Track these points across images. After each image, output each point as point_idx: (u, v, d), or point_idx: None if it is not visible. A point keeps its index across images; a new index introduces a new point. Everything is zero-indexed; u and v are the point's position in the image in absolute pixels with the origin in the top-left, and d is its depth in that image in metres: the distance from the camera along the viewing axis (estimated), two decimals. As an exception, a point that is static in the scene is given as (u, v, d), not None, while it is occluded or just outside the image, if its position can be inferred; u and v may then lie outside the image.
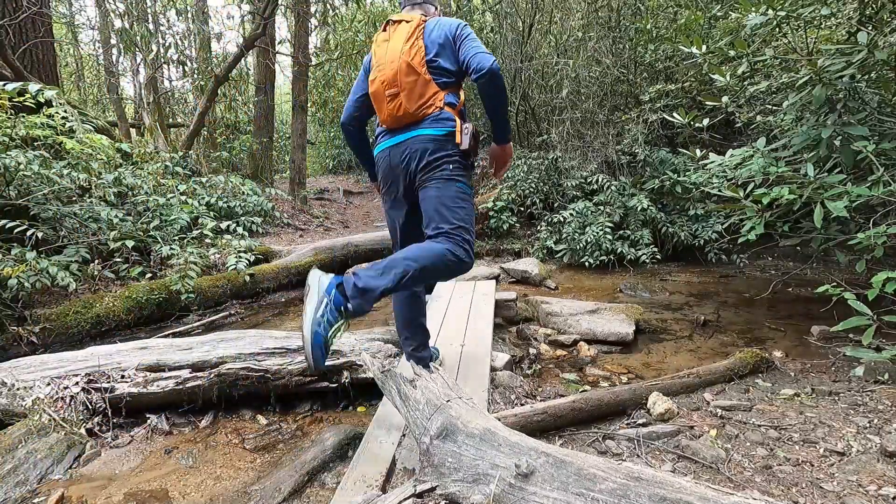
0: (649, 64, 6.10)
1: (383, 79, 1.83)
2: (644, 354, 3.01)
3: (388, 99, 1.83)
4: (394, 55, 1.81)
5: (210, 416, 2.24)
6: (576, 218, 5.44)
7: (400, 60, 1.79)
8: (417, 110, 1.81)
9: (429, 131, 1.83)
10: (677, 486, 1.11)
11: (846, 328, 2.13)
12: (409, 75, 1.79)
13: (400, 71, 1.79)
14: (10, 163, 3.11)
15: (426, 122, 1.83)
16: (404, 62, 1.79)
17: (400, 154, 1.86)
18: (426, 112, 1.82)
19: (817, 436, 1.90)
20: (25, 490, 1.73)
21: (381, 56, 1.86)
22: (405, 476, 1.61)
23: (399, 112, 1.82)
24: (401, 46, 1.81)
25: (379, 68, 1.85)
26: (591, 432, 2.00)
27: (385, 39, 1.89)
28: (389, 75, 1.81)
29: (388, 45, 1.86)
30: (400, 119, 1.84)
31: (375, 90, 1.87)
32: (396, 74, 1.80)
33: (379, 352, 2.58)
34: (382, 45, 1.88)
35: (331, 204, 8.93)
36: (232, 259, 4.10)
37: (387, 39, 1.88)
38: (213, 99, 7.22)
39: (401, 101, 1.81)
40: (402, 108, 1.81)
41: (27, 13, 4.70)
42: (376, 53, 1.89)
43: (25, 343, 2.92)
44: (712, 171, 3.20)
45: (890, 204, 2.52)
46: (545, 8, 6.97)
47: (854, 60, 2.47)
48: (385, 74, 1.83)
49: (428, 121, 1.83)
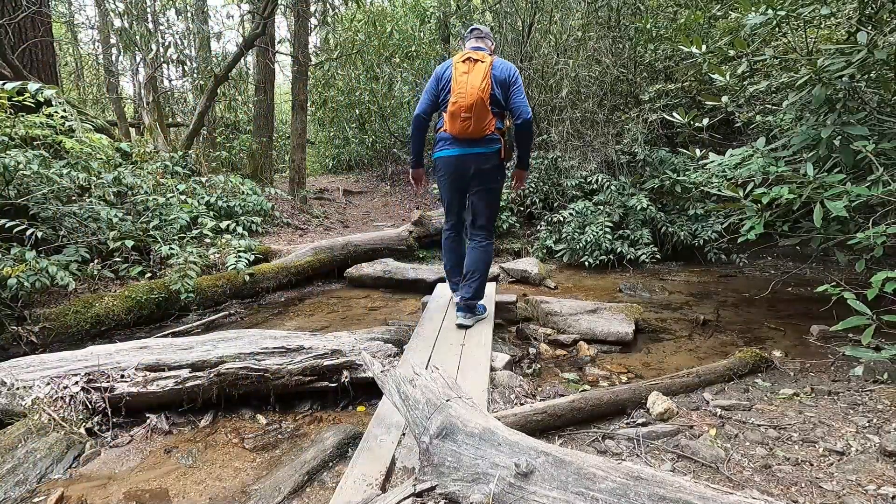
0: (649, 63, 6.10)
1: (462, 104, 2.50)
2: (644, 354, 3.02)
3: (461, 119, 2.54)
4: (473, 90, 2.48)
5: (210, 416, 2.24)
6: (575, 217, 5.44)
7: (476, 95, 2.48)
8: (479, 131, 2.56)
9: (483, 149, 2.62)
10: (677, 486, 1.11)
11: (846, 328, 2.14)
12: (480, 107, 2.50)
13: (476, 104, 2.49)
14: (9, 162, 3.11)
15: (482, 141, 2.61)
16: (479, 97, 2.48)
17: (462, 163, 2.68)
18: (484, 133, 2.58)
19: (817, 435, 1.90)
20: (25, 489, 1.73)
21: (462, 85, 2.51)
22: (405, 475, 1.61)
23: (468, 131, 2.56)
24: (479, 84, 2.48)
25: (459, 94, 2.51)
26: (591, 432, 2.00)
27: (465, 72, 2.53)
28: (467, 104, 2.49)
29: (468, 77, 2.51)
30: (467, 135, 2.58)
31: (454, 110, 2.53)
32: (472, 105, 2.49)
33: (379, 351, 2.58)
34: (463, 76, 2.53)
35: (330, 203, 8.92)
36: (231, 258, 4.10)
37: (467, 72, 2.53)
38: (212, 98, 7.21)
39: (471, 123, 2.54)
40: (471, 128, 2.55)
41: (27, 12, 4.70)
42: (458, 80, 2.53)
43: (25, 343, 2.92)
44: (712, 170, 3.20)
45: (889, 203, 2.52)
46: (545, 7, 6.96)
47: (854, 60, 2.47)
48: (464, 102, 2.50)
49: (484, 140, 2.61)
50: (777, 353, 2.83)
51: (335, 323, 3.71)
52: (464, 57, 2.59)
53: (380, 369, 1.85)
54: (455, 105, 2.51)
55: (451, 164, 2.70)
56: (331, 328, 3.48)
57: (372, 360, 1.94)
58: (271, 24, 7.80)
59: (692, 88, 5.22)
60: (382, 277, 4.76)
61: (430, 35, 9.74)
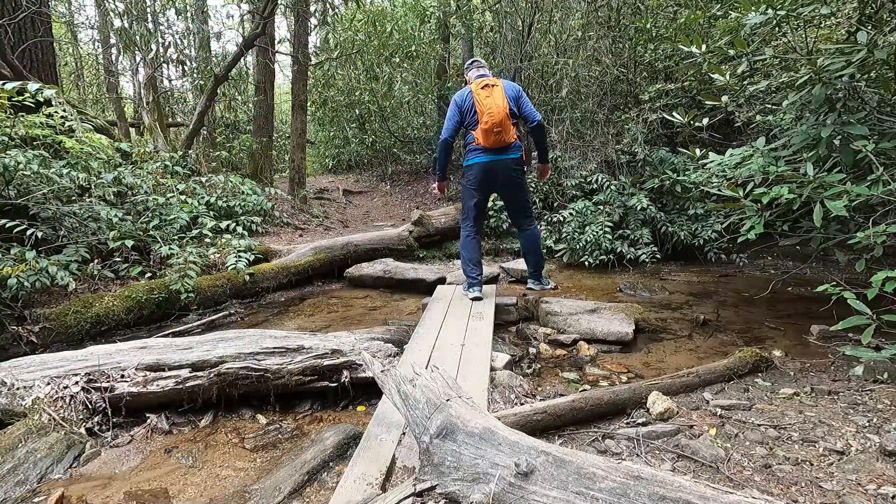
0: (649, 63, 6.09)
1: (494, 121, 3.10)
2: (644, 354, 3.02)
3: (494, 133, 3.14)
4: (498, 108, 3.10)
5: (210, 416, 2.24)
6: (575, 217, 5.44)
7: (503, 112, 3.11)
8: (508, 140, 3.19)
9: (512, 155, 3.27)
10: (677, 485, 1.11)
11: (846, 327, 2.14)
12: (506, 121, 3.13)
13: (504, 118, 3.12)
14: (9, 162, 3.11)
15: (511, 149, 3.24)
16: (505, 113, 3.11)
17: (495, 168, 3.28)
18: (510, 141, 3.22)
19: (817, 435, 1.90)
20: (25, 489, 1.73)
21: (489, 106, 3.10)
22: (405, 475, 1.61)
23: (501, 141, 3.18)
24: (501, 103, 3.11)
25: (490, 114, 3.10)
26: (591, 431, 2.00)
27: (487, 96, 3.13)
28: (497, 120, 3.11)
29: (491, 99, 3.11)
30: (500, 145, 3.19)
31: (488, 127, 3.12)
32: (502, 120, 3.12)
33: (379, 351, 2.58)
34: (487, 99, 3.11)
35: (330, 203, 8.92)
36: (231, 258, 4.10)
37: (489, 96, 3.12)
38: (212, 98, 7.21)
39: (502, 135, 3.16)
40: (503, 139, 3.18)
41: (26, 12, 4.70)
42: (483, 103, 3.11)
43: (25, 342, 2.92)
44: (712, 170, 3.20)
45: (889, 203, 2.52)
46: (545, 7, 6.95)
47: (854, 60, 2.47)
48: (495, 119, 3.11)
49: (510, 147, 3.24)
50: (777, 352, 2.82)
51: (335, 323, 3.71)
52: (482, 84, 3.16)
53: (380, 369, 1.85)
54: (488, 123, 3.11)
55: (483, 169, 3.27)
56: (331, 328, 3.48)
57: (372, 360, 1.94)
58: (271, 24, 7.80)
59: (692, 88, 5.22)
60: (382, 277, 4.76)
61: (430, 35, 9.73)
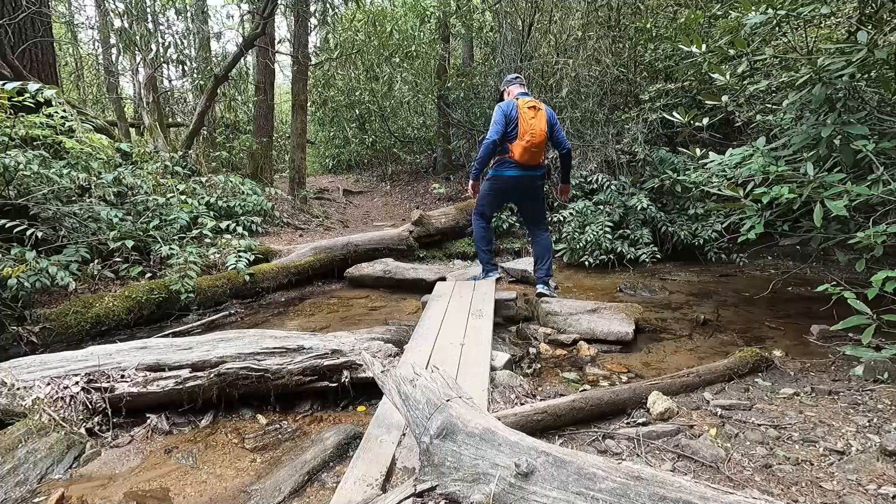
0: (649, 63, 6.09)
1: (533, 141, 3.41)
2: (644, 354, 3.01)
3: (531, 152, 3.45)
4: (541, 132, 3.42)
5: (210, 416, 2.24)
6: (575, 217, 5.44)
7: (543, 135, 3.44)
8: (539, 159, 3.56)
9: (538, 172, 3.65)
10: (677, 486, 1.11)
11: (846, 327, 2.14)
12: (543, 144, 3.49)
13: (543, 141, 3.46)
14: (9, 162, 3.11)
15: (538, 167, 3.61)
16: (544, 136, 3.45)
17: (524, 182, 3.63)
18: (540, 161, 3.60)
19: (817, 435, 1.90)
20: (25, 490, 1.73)
21: (533, 126, 3.39)
22: (405, 475, 1.61)
23: (534, 160, 3.52)
24: (543, 127, 3.43)
25: (532, 134, 3.40)
26: (591, 431, 2.00)
27: (532, 117, 3.41)
28: (538, 141, 3.43)
29: (536, 121, 3.41)
30: (532, 162, 3.52)
31: (527, 146, 3.42)
32: (540, 143, 3.45)
33: (379, 351, 2.58)
34: (532, 119, 3.40)
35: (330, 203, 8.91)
36: (232, 258, 4.10)
37: (534, 117, 3.41)
38: (212, 98, 7.21)
39: (538, 155, 3.51)
40: (536, 158, 3.52)
41: (26, 12, 4.70)
42: (527, 121, 3.39)
43: (25, 343, 2.92)
44: (712, 170, 3.20)
45: (890, 203, 2.52)
46: (545, 7, 6.95)
47: (854, 59, 2.47)
48: (535, 139, 3.41)
49: (539, 166, 3.61)
50: (777, 352, 2.82)
51: (335, 323, 3.71)
52: (529, 104, 3.44)
53: (380, 369, 1.85)
54: (528, 142, 3.41)
55: (513, 181, 3.62)
56: (331, 328, 3.48)
57: (372, 360, 1.94)
58: (271, 24, 7.79)
59: (692, 88, 5.21)
60: (382, 277, 4.76)
61: (430, 35, 9.73)
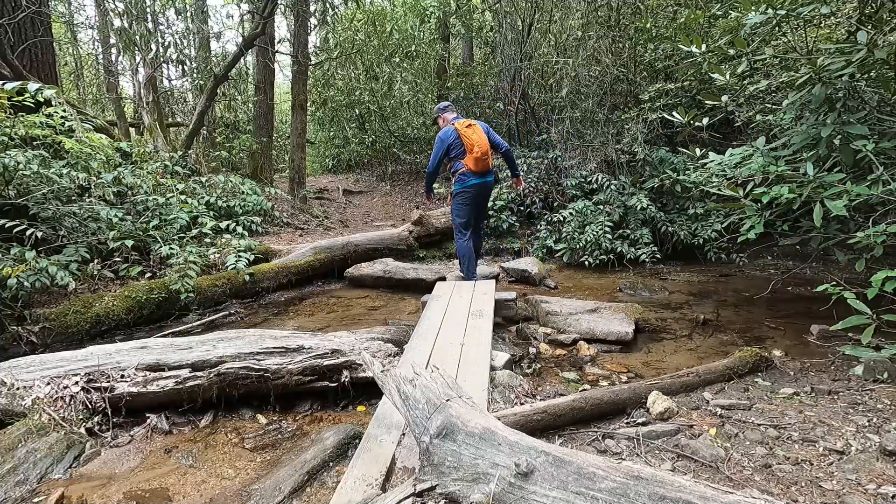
0: (649, 63, 6.09)
1: (482, 150, 3.76)
2: (644, 353, 3.01)
3: (482, 160, 3.78)
4: (483, 141, 3.78)
5: (210, 416, 2.24)
6: (575, 217, 5.44)
7: (486, 143, 3.81)
8: (489, 165, 3.88)
9: (490, 178, 3.98)
10: (677, 485, 1.11)
11: (846, 327, 2.14)
12: (488, 150, 3.82)
13: (488, 149, 3.82)
14: (9, 162, 3.11)
15: (489, 173, 3.94)
16: (487, 145, 3.81)
17: (482, 188, 3.94)
18: (490, 166, 3.92)
19: (816, 435, 1.90)
20: (25, 489, 1.73)
21: (476, 139, 3.75)
22: (405, 475, 1.61)
23: (486, 167, 3.84)
24: (483, 137, 3.81)
25: (478, 144, 3.75)
26: (591, 431, 2.00)
27: (473, 133, 3.78)
28: (484, 149, 3.77)
29: (475, 135, 3.78)
30: (485, 169, 3.84)
31: (478, 156, 3.75)
32: (487, 150, 3.80)
33: (379, 351, 2.58)
34: (473, 134, 3.77)
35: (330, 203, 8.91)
36: (231, 258, 4.10)
37: (474, 132, 3.78)
38: (212, 98, 7.21)
39: (487, 161, 3.83)
40: (487, 165, 3.85)
41: (26, 12, 4.70)
42: (470, 137, 3.75)
43: (25, 342, 2.92)
44: (712, 169, 3.20)
45: (889, 203, 2.52)
46: (545, 7, 6.95)
47: (854, 59, 2.47)
48: (482, 148, 3.76)
49: (490, 172, 3.94)
50: (777, 352, 2.82)
51: (335, 323, 3.71)
52: (466, 124, 3.85)
53: (380, 369, 1.85)
54: (478, 152, 3.76)
55: (477, 187, 3.90)
56: (331, 328, 3.48)
57: (372, 360, 1.94)
58: (271, 24, 7.79)
59: (692, 88, 5.21)
60: (382, 277, 4.76)
61: (429, 35, 9.73)
